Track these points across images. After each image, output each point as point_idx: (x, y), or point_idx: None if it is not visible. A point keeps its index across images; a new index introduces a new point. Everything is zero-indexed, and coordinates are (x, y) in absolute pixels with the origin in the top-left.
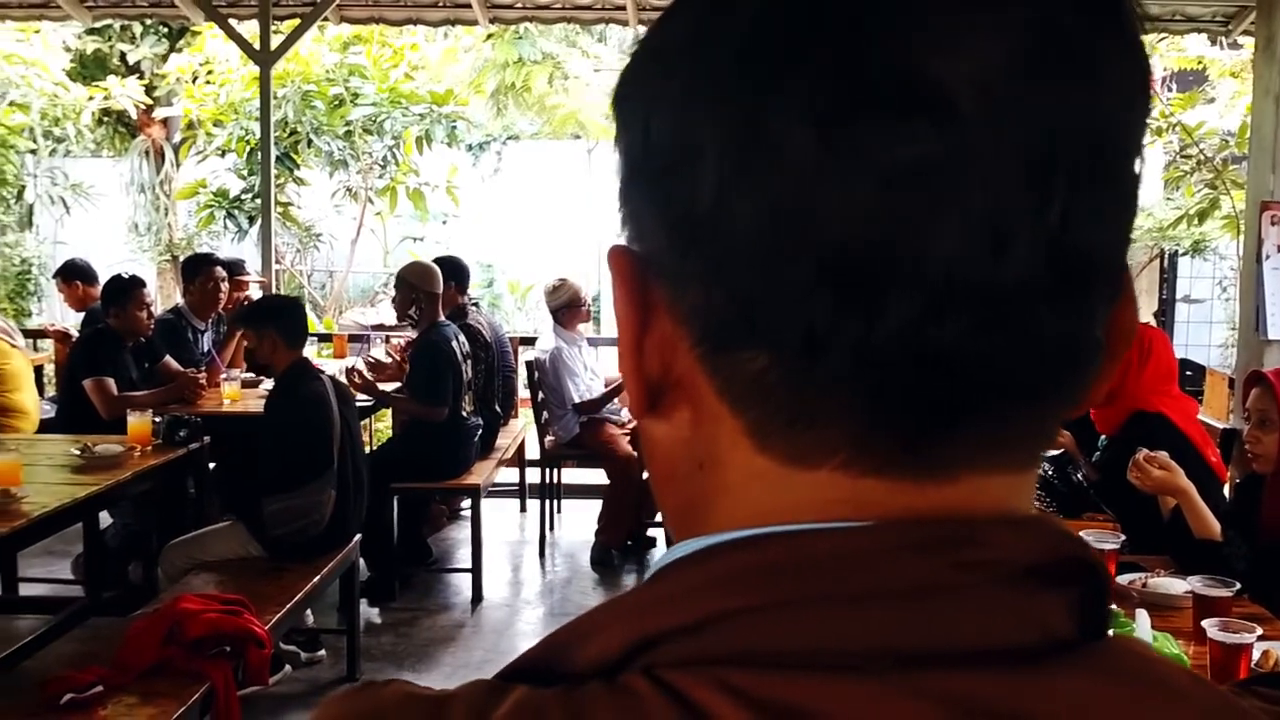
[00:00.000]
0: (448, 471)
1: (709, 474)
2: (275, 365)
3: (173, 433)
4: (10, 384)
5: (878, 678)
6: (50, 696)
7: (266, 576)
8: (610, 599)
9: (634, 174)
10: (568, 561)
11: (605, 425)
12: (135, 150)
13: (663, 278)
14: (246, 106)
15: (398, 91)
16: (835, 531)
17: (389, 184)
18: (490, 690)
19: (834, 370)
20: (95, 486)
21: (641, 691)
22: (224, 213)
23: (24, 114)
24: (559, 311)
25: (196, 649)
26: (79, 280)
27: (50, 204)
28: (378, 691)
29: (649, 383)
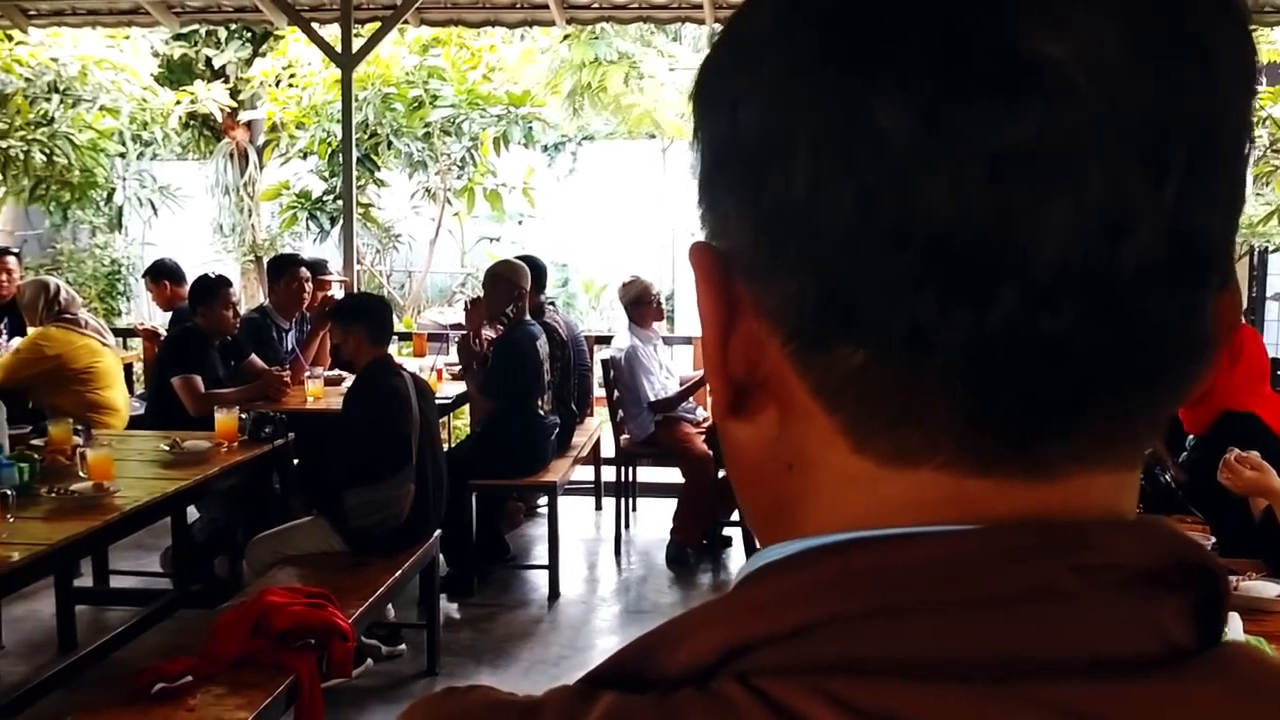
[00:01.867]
0: (525, 469)
1: (799, 476)
2: (358, 362)
3: (258, 429)
4: (101, 381)
5: (987, 687)
6: (141, 686)
7: (349, 571)
8: (701, 604)
9: (718, 167)
10: (643, 560)
11: (681, 424)
12: (220, 153)
13: (748, 274)
14: (328, 109)
15: (476, 93)
16: (939, 535)
17: (467, 185)
18: (578, 696)
19: (939, 365)
20: (184, 481)
21: (737, 700)
22: (306, 214)
23: (114, 118)
24: (632, 308)
25: (282, 641)
26: (167, 280)
27: (139, 206)
28: (463, 697)
29: (734, 383)
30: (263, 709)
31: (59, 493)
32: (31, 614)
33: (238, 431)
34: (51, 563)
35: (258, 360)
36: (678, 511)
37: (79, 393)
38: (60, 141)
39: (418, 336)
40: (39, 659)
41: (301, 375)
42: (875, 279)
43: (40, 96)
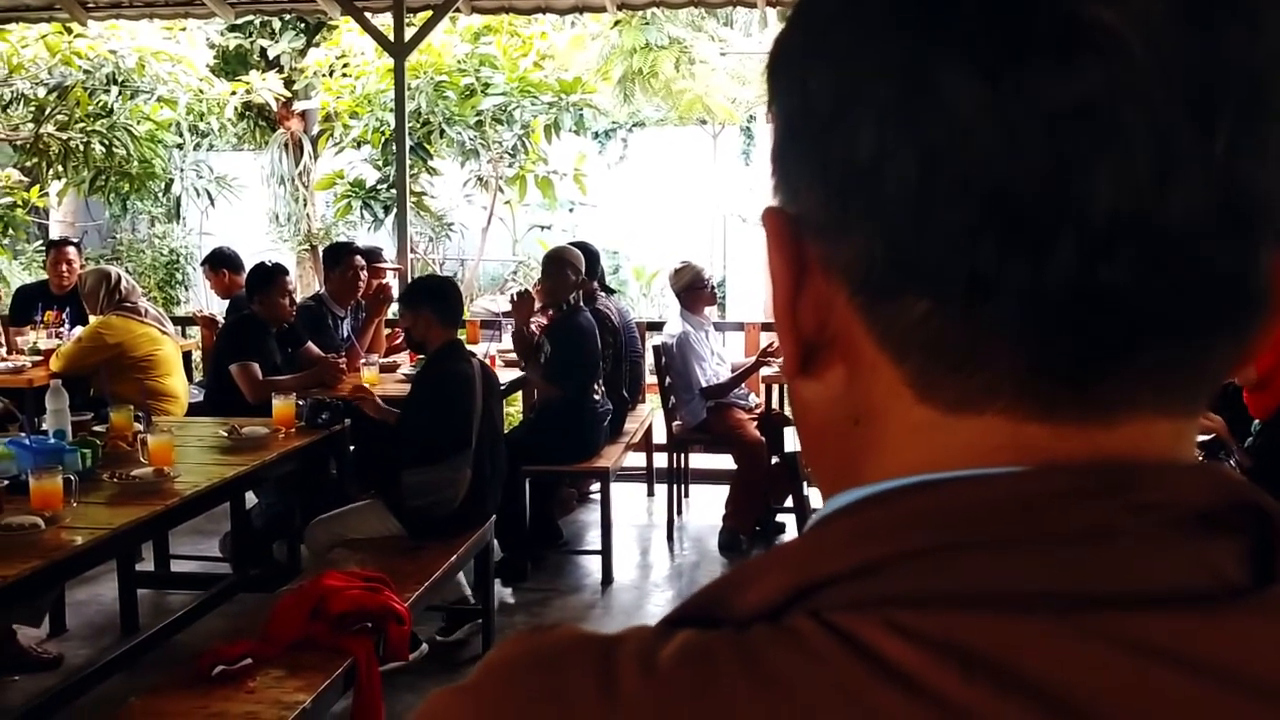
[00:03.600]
0: (577, 455)
1: (865, 428)
2: (428, 344)
3: (315, 415)
4: (161, 369)
5: (1050, 618)
6: (202, 668)
7: (405, 555)
8: (769, 549)
9: (790, 136)
10: (695, 546)
11: (733, 410)
12: (275, 143)
13: (818, 234)
14: (381, 98)
15: (527, 80)
16: (1001, 475)
17: (518, 172)
18: (656, 634)
19: (999, 313)
20: (243, 467)
21: (807, 632)
22: (360, 203)
23: (171, 109)
24: (683, 294)
25: (340, 625)
26: (225, 269)
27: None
28: (548, 633)
29: (803, 342)
30: (321, 691)
31: (121, 478)
32: (94, 598)
33: (295, 417)
34: (114, 546)
35: (314, 348)
36: (730, 497)
37: (139, 380)
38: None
39: (471, 323)
40: (102, 642)
41: (357, 362)
42: (937, 232)
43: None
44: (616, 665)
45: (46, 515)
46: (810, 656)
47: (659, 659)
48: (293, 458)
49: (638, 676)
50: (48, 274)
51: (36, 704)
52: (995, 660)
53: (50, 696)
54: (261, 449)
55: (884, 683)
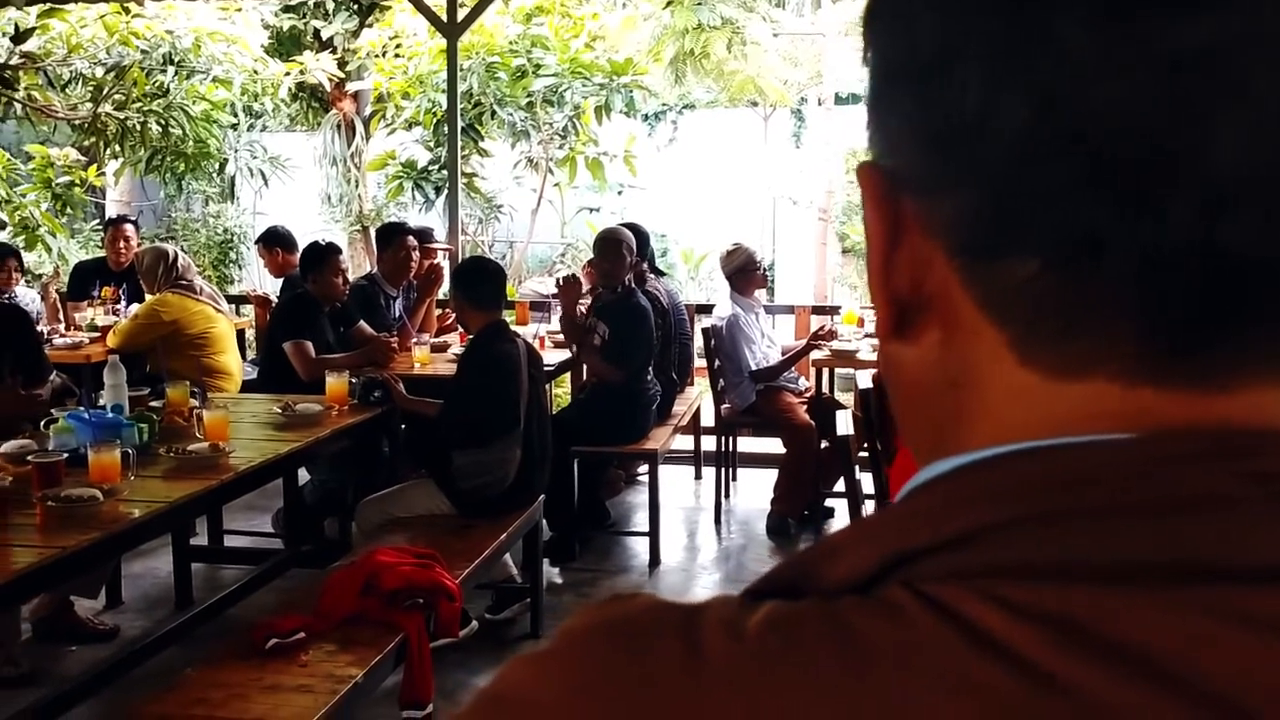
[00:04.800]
0: (626, 437)
1: (963, 393)
2: (471, 325)
3: (368, 393)
4: (215, 347)
5: (1154, 590)
6: (256, 641)
7: (455, 533)
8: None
9: (889, 85)
10: (743, 529)
11: (783, 394)
12: (328, 124)
13: (917, 189)
14: (433, 79)
15: (578, 62)
16: (1109, 442)
17: (568, 154)
18: (740, 603)
19: (1111, 273)
20: (296, 443)
21: (903, 603)
22: (412, 184)
23: (226, 90)
24: (734, 277)
25: (391, 601)
26: (279, 248)
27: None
28: (629, 601)
29: (897, 303)
30: (373, 666)
31: (177, 452)
32: (150, 571)
33: (348, 395)
34: (170, 520)
35: (366, 327)
36: (779, 481)
37: (194, 357)
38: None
39: (520, 304)
40: (157, 614)
41: (408, 342)
42: (1048, 187)
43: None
44: (700, 631)
45: (105, 488)
46: (905, 628)
47: (745, 626)
48: (345, 435)
49: (724, 642)
50: (105, 251)
51: (93, 674)
52: (1101, 633)
53: (107, 667)
54: (315, 426)
55: (984, 656)
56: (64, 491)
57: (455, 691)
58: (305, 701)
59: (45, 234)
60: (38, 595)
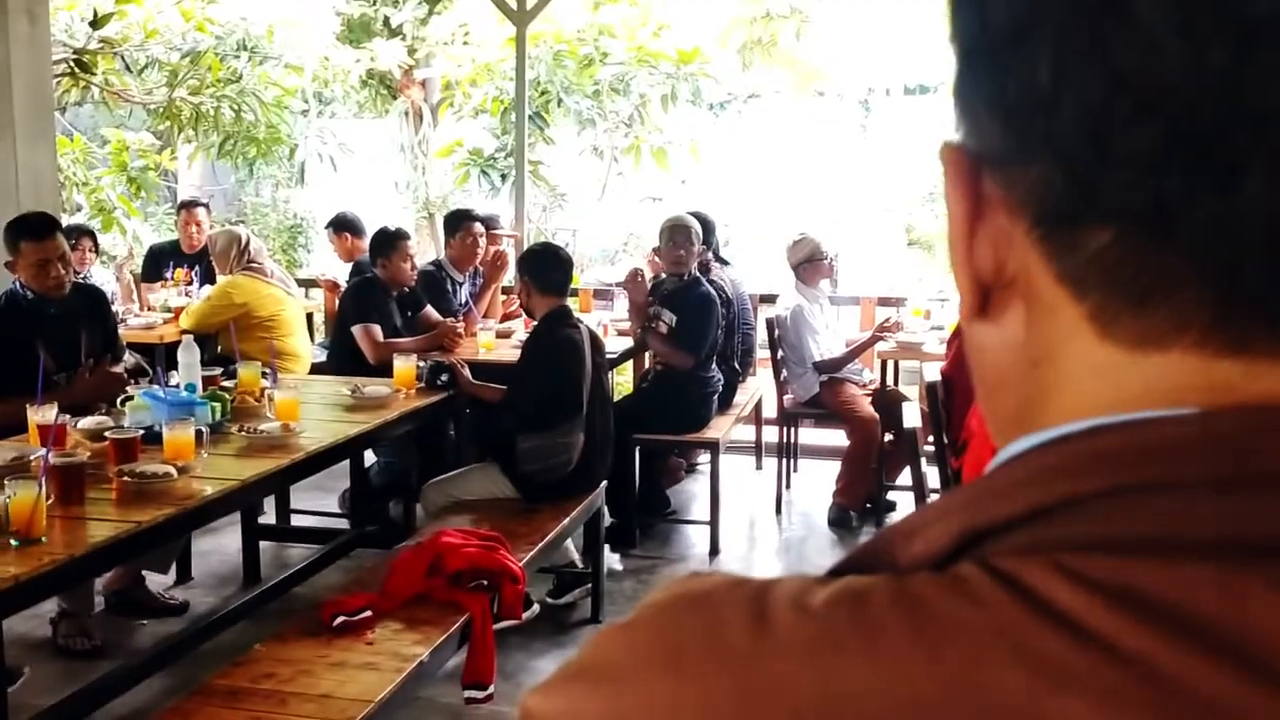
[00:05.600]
0: (688, 425)
1: (1044, 371)
2: (536, 310)
3: (434, 377)
4: (285, 329)
5: (1227, 566)
6: (324, 618)
7: (518, 516)
8: (938, 498)
9: (968, 65)
10: (804, 520)
11: (846, 385)
12: (396, 111)
13: (997, 166)
14: (501, 66)
15: (645, 50)
16: (1189, 416)
17: (633, 143)
18: (814, 580)
19: (1186, 242)
20: (365, 425)
21: (972, 578)
22: (478, 171)
23: (298, 76)
24: (800, 267)
25: (456, 581)
26: (348, 233)
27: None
28: (705, 576)
29: (980, 282)
30: (437, 645)
31: (249, 431)
32: (219, 548)
33: (415, 379)
34: (241, 497)
35: (433, 312)
36: (841, 473)
37: (263, 340)
38: (248, 98)
39: (583, 292)
40: (225, 591)
41: (474, 327)
42: (1121, 158)
43: (230, 54)
44: (769, 605)
45: (179, 465)
46: (972, 600)
47: (813, 600)
48: (412, 418)
49: (790, 614)
50: (179, 234)
51: (164, 647)
52: (1173, 608)
53: (177, 641)
54: (382, 408)
55: (1050, 628)
56: (139, 467)
57: (516, 673)
58: (371, 679)
59: (120, 216)
60: (113, 568)
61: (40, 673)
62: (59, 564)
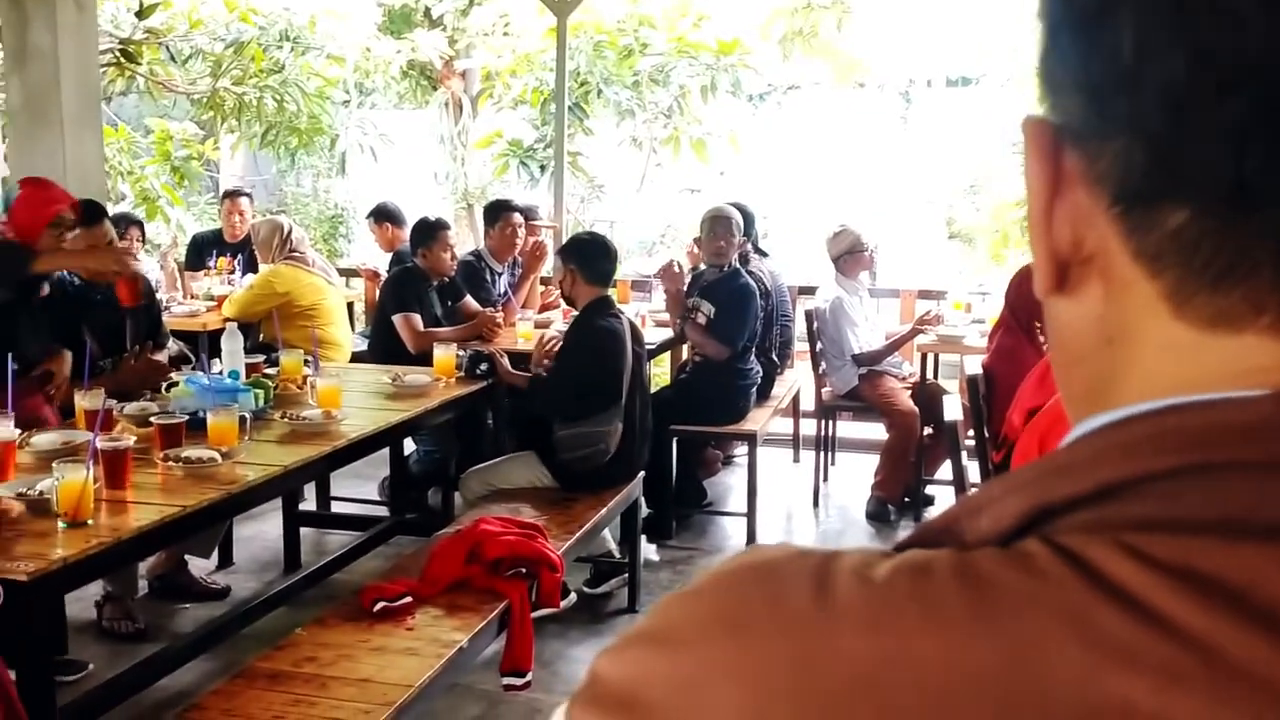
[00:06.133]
0: (725, 417)
1: (1118, 349)
2: (576, 299)
3: (474, 366)
4: (325, 319)
5: None
6: (365, 604)
7: (556, 505)
8: (1005, 475)
9: (1053, 41)
10: (841, 513)
11: (886, 378)
12: (436, 102)
13: (1078, 143)
14: (541, 57)
15: (685, 41)
16: (1260, 398)
17: (672, 134)
18: (878, 553)
19: (1264, 221)
20: (406, 413)
21: (1035, 554)
22: (517, 162)
23: (339, 66)
24: (840, 259)
25: (495, 569)
26: (389, 223)
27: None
28: (770, 548)
29: (1058, 256)
30: (477, 632)
31: (291, 418)
32: (260, 534)
33: (455, 368)
34: (284, 483)
35: (472, 302)
36: (880, 466)
37: (304, 328)
38: (290, 88)
39: (622, 284)
40: (266, 576)
41: (512, 317)
42: (1202, 134)
43: (273, 45)
44: (832, 575)
45: (223, 450)
46: (1034, 575)
47: (876, 571)
48: (452, 407)
49: (851, 584)
50: (222, 223)
51: (207, 631)
52: (1237, 590)
53: (219, 625)
54: (423, 397)
55: (1111, 606)
56: (185, 452)
57: (553, 662)
58: (411, 664)
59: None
60: (158, 552)
61: (86, 654)
62: (106, 546)
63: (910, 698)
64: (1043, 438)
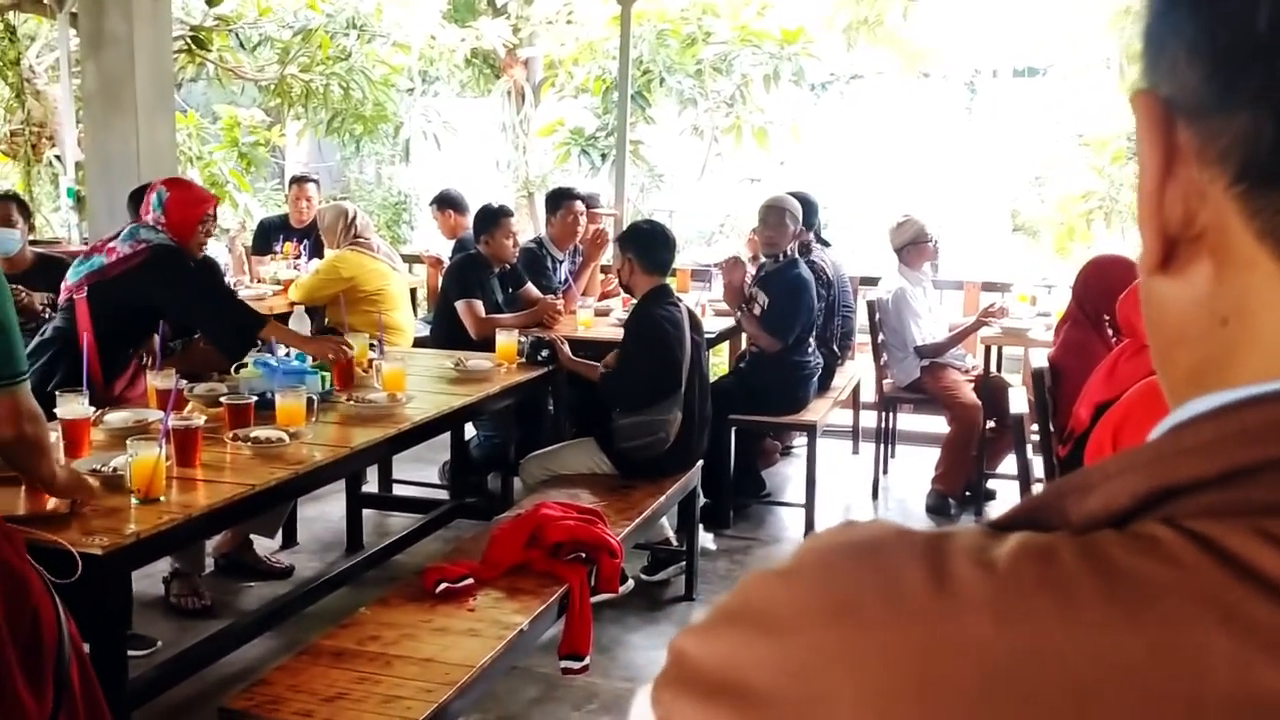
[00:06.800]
0: (784, 407)
1: (1235, 329)
2: (634, 288)
3: (535, 353)
4: (389, 304)
5: None
6: (427, 585)
7: (615, 492)
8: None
9: (1169, 8)
10: (900, 507)
11: (948, 370)
12: (499, 91)
13: (1196, 116)
14: (604, 45)
15: (748, 30)
16: None
17: (734, 122)
18: (985, 534)
19: None
20: (468, 397)
21: (1164, 538)
22: (579, 150)
23: (405, 54)
24: (903, 250)
25: (555, 553)
26: (452, 210)
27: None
28: (869, 527)
29: (1166, 236)
30: (537, 615)
31: (357, 401)
32: (323, 515)
33: (517, 354)
34: (349, 463)
35: (533, 289)
36: (941, 459)
37: (369, 313)
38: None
39: (681, 272)
40: (329, 556)
41: (572, 304)
42: None
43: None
44: (947, 558)
45: (290, 431)
46: (1168, 562)
47: (995, 555)
48: (513, 392)
49: (972, 569)
50: (289, 208)
51: (271, 609)
52: None
53: (284, 603)
54: (485, 382)
55: (1259, 596)
56: (253, 432)
57: (611, 647)
58: (473, 645)
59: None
60: (225, 529)
61: (153, 630)
62: (177, 522)
63: (1051, 691)
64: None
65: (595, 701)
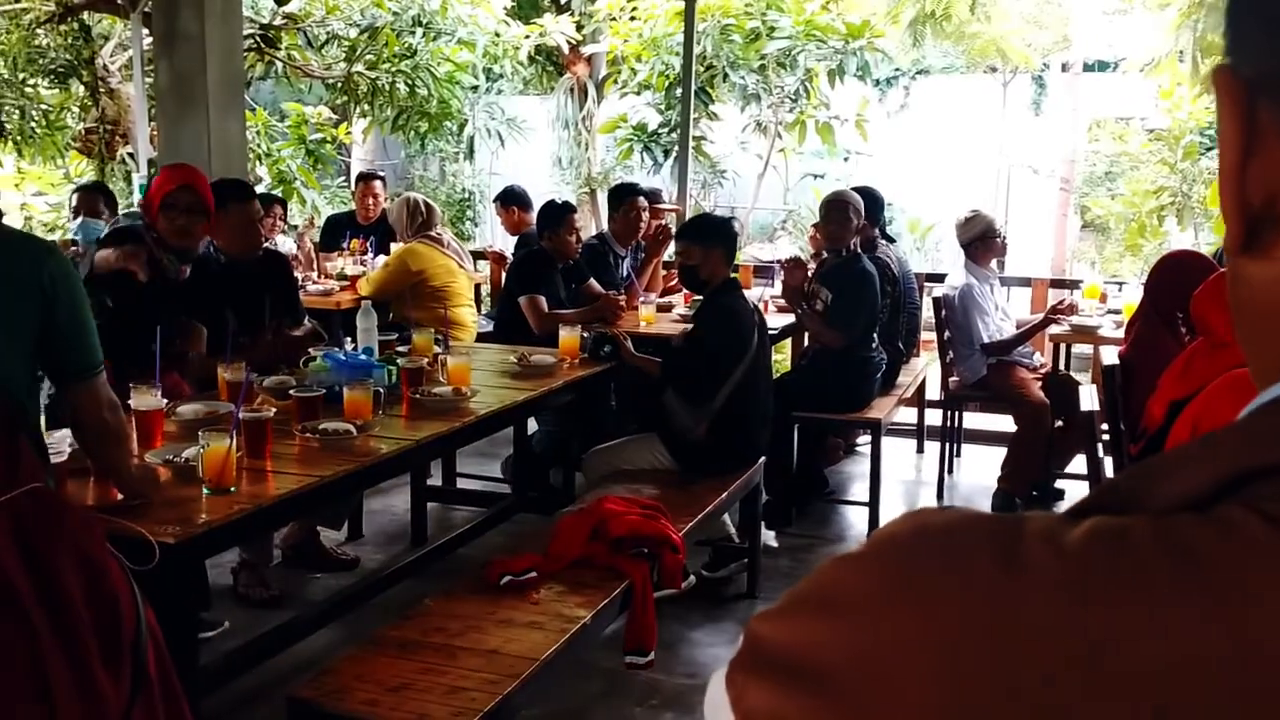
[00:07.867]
0: (848, 404)
1: None
2: (713, 280)
3: (598, 348)
4: (455, 300)
5: None
6: (491, 577)
7: (677, 488)
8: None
9: None
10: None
11: (1015, 368)
12: (561, 88)
13: (1275, 97)
14: (668, 41)
15: (813, 24)
16: None
17: (798, 118)
18: (1060, 519)
19: None
20: (531, 392)
21: (1243, 522)
22: (641, 146)
23: (470, 51)
24: (970, 245)
25: (617, 548)
26: (515, 206)
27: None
28: (940, 512)
29: (1249, 217)
30: (600, 609)
31: (422, 394)
32: (387, 508)
33: (579, 349)
34: (415, 456)
35: (596, 284)
36: (1007, 458)
37: (433, 309)
38: (422, 73)
39: (744, 269)
40: (394, 549)
41: (635, 300)
42: None
43: (405, 30)
44: (1020, 542)
45: (358, 424)
46: (1249, 547)
47: (1067, 539)
48: (575, 388)
49: (1044, 552)
50: (355, 205)
51: (337, 600)
52: None
53: (350, 594)
54: (548, 377)
55: None
56: (321, 425)
57: (673, 644)
58: (537, 638)
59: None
60: (293, 520)
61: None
62: (247, 512)
63: (1126, 675)
64: (1196, 423)
65: (657, 697)
